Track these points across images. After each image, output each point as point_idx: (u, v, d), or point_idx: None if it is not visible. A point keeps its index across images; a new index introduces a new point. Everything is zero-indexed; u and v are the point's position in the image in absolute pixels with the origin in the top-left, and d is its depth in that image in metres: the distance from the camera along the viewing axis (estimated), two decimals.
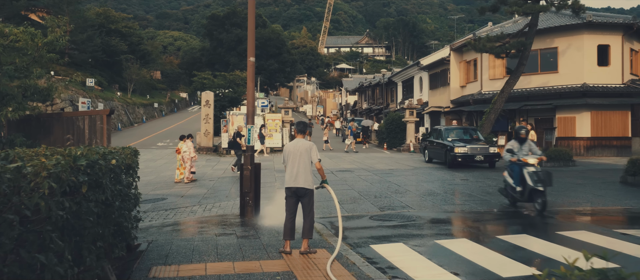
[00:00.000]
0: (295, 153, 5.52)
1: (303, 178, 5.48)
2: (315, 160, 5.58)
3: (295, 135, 5.80)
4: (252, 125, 7.94)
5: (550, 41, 20.64)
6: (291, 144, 5.63)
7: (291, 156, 5.53)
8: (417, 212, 8.06)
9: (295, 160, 5.50)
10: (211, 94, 23.76)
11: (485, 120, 19.27)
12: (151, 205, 10.03)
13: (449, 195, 9.79)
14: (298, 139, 5.68)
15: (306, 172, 5.52)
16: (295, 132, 5.81)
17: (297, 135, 5.73)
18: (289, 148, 5.59)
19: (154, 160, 19.79)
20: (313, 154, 5.57)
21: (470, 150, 15.02)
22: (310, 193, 5.55)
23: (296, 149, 5.53)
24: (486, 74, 22.66)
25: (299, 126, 5.81)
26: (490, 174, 13.80)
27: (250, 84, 7.89)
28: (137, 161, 5.84)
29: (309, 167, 5.54)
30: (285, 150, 5.66)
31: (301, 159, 5.50)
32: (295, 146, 5.55)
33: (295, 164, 5.49)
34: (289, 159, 5.55)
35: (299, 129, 5.79)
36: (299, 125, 5.85)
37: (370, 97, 46.03)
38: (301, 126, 5.83)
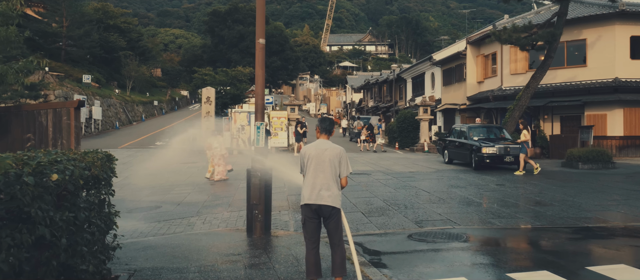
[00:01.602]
0: (319, 159, 4.08)
1: (328, 193, 4.02)
2: (345, 173, 4.14)
3: (318, 135, 4.32)
4: (262, 122, 6.48)
5: (578, 32, 19.12)
6: (312, 146, 4.20)
7: (313, 162, 4.11)
8: (463, 228, 6.59)
9: (319, 169, 4.06)
10: (212, 90, 22.31)
11: (509, 118, 17.78)
12: (143, 215, 8.59)
13: (491, 205, 8.32)
14: (322, 140, 4.23)
15: (332, 184, 4.06)
16: (318, 131, 4.31)
17: (320, 136, 4.29)
18: (310, 152, 4.16)
19: (152, 161, 18.35)
20: (343, 164, 4.12)
21: (499, 150, 13.54)
22: (337, 214, 4.08)
23: (320, 154, 4.10)
24: (507, 69, 21.15)
25: (323, 124, 4.32)
26: (525, 177, 12.32)
27: (259, 72, 6.42)
28: (112, 169, 4.39)
29: (335, 178, 4.09)
30: (305, 154, 4.20)
31: (327, 167, 4.06)
32: (319, 150, 4.12)
33: (318, 173, 4.06)
34: (310, 166, 4.11)
35: (324, 127, 4.29)
36: (324, 122, 4.34)
37: (377, 95, 44.54)
38: (326, 124, 4.33)
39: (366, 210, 7.93)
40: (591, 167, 13.87)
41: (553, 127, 19.78)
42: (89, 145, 25.51)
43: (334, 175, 4.07)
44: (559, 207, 8.06)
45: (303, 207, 4.13)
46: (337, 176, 4.10)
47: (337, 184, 4.10)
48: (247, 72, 35.67)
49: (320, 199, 4.02)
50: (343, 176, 4.14)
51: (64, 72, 34.25)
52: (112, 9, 49.27)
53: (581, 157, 14.04)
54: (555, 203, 8.44)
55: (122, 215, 9.27)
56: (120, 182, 13.05)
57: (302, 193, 4.15)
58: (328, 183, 4.04)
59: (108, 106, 36.00)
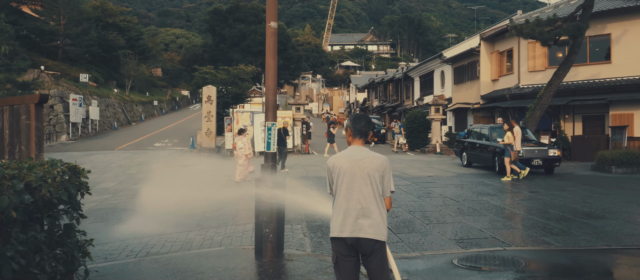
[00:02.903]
0: (355, 174, 2.95)
1: (368, 220, 2.90)
2: (389, 191, 3.03)
3: (350, 140, 3.11)
4: (274, 123, 5.37)
5: (602, 27, 17.99)
6: (343, 156, 3.03)
7: (346, 179, 2.96)
8: (516, 250, 5.49)
9: (354, 187, 2.94)
10: (213, 88, 21.25)
11: (530, 117, 16.67)
12: (136, 228, 7.51)
13: (536, 218, 7.21)
14: (356, 147, 3.05)
15: (374, 209, 2.94)
16: (350, 134, 3.11)
17: (353, 141, 3.09)
18: (341, 163, 2.99)
19: (149, 163, 17.25)
20: (387, 179, 2.99)
21: (525, 153, 12.43)
22: (381, 249, 2.95)
23: (356, 167, 2.96)
24: (524, 66, 20.03)
25: (357, 123, 3.10)
26: (557, 182, 11.21)
27: (270, 61, 5.33)
28: (80, 186, 3.30)
29: (377, 199, 2.96)
30: (334, 167, 3.03)
31: (365, 185, 2.93)
32: (354, 161, 2.97)
33: (353, 193, 2.93)
34: (342, 185, 2.97)
35: (358, 128, 3.08)
36: (358, 121, 3.11)
37: (382, 94, 43.43)
38: (361, 124, 3.10)
39: (393, 224, 6.83)
40: (626, 170, 12.75)
41: (574, 128, 18.66)
42: (85, 147, 24.52)
43: (375, 195, 2.95)
44: (615, 220, 6.96)
45: (334, 241, 2.99)
46: (380, 196, 2.98)
47: (380, 207, 2.97)
48: (249, 70, 34.59)
49: (358, 231, 2.90)
50: (387, 195, 3.02)
51: (61, 71, 33.20)
52: (111, 7, 48.24)
53: (614, 160, 12.92)
54: (609, 215, 7.34)
55: (113, 226, 8.22)
56: (115, 188, 11.99)
57: (332, 222, 3.02)
58: (368, 207, 2.92)
59: (106, 106, 34.95)
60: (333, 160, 3.07)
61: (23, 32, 36.38)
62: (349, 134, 3.13)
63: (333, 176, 3.05)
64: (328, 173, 3.11)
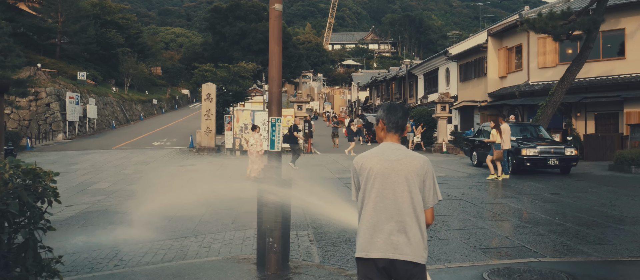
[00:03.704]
0: (389, 177, 2.33)
1: (405, 238, 2.28)
2: (432, 201, 2.38)
3: (382, 136, 2.48)
4: (278, 118, 4.75)
5: (616, 22, 17.35)
6: (374, 154, 2.40)
7: (377, 183, 2.34)
8: (551, 261, 4.86)
9: (388, 195, 2.32)
10: (213, 86, 20.63)
11: (542, 115, 16.04)
12: (128, 233, 6.90)
13: (565, 224, 6.58)
14: (389, 144, 2.43)
15: (412, 223, 2.30)
16: (382, 127, 2.46)
17: (387, 136, 2.46)
18: (371, 163, 2.38)
19: (146, 163, 16.67)
20: (429, 184, 2.37)
21: (541, 152, 11.80)
22: (420, 274, 2.31)
23: (390, 169, 2.34)
24: (534, 62, 19.39)
25: (392, 114, 2.45)
26: (577, 183, 10.58)
27: (275, 48, 4.70)
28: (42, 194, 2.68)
29: (416, 210, 2.32)
30: (362, 168, 2.40)
31: (402, 192, 2.31)
32: (388, 161, 2.36)
33: (386, 203, 2.32)
34: (372, 190, 2.35)
35: (393, 120, 2.45)
36: (393, 112, 2.47)
37: (385, 92, 42.80)
38: (398, 115, 2.46)
39: None
40: None
41: (586, 126, 18.02)
42: (82, 146, 23.93)
43: (414, 205, 2.31)
44: None
45: (361, 262, 2.37)
46: (420, 206, 2.34)
47: (420, 220, 2.33)
48: (250, 67, 33.96)
49: (392, 251, 2.27)
50: (429, 206, 2.39)
51: (59, 69, 32.59)
52: (110, 4, 47.58)
53: (635, 159, 12.29)
54: None
55: (103, 230, 7.61)
56: (109, 188, 11.39)
57: (359, 238, 2.39)
58: (405, 220, 2.29)
59: (104, 104, 34.34)
60: (361, 159, 2.43)
61: (20, 29, 35.76)
62: (381, 128, 2.48)
63: (361, 180, 2.41)
64: (354, 175, 2.47)
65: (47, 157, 18.57)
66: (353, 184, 2.49)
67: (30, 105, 26.15)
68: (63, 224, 7.94)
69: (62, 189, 11.98)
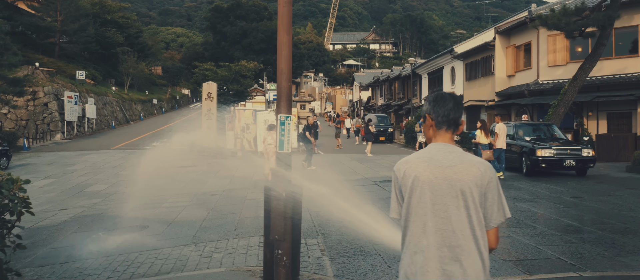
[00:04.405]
0: (440, 188, 1.83)
1: (461, 269, 1.78)
2: (496, 220, 1.86)
3: (430, 135, 2.00)
4: (288, 115, 4.24)
5: (629, 18, 16.82)
6: (422, 160, 1.90)
7: (426, 195, 1.85)
8: (592, 274, 4.37)
9: (440, 211, 1.83)
10: (214, 85, 20.15)
11: (553, 114, 15.53)
12: (122, 240, 6.41)
13: (596, 231, 6.07)
14: (440, 145, 1.93)
15: (470, 247, 1.80)
16: (430, 124, 1.98)
17: (437, 135, 1.97)
18: (419, 171, 1.87)
19: (144, 164, 16.14)
20: (493, 197, 1.84)
21: (557, 153, 11.29)
22: None
23: (442, 178, 1.84)
24: (544, 60, 18.88)
25: (441, 106, 1.96)
26: (596, 186, 10.07)
27: (284, 38, 4.19)
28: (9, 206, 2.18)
29: (476, 231, 1.81)
30: (405, 175, 1.89)
31: (456, 208, 1.81)
32: (439, 168, 1.86)
33: (437, 221, 1.82)
34: (419, 205, 1.86)
35: (444, 113, 1.94)
36: (442, 103, 1.96)
37: (387, 92, 42.29)
38: (449, 106, 1.95)
39: None
40: None
41: (598, 126, 17.50)
42: (80, 146, 23.46)
43: (473, 225, 1.82)
44: None
45: None
46: (480, 226, 1.84)
47: (480, 245, 1.83)
48: (251, 66, 33.46)
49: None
50: (493, 225, 1.88)
51: (57, 68, 32.11)
52: (109, 3, 47.10)
53: None
54: None
55: (98, 237, 7.12)
56: (105, 191, 10.91)
57: (403, 266, 1.89)
58: (459, 245, 1.79)
59: (104, 104, 33.87)
60: (403, 165, 1.93)
61: (19, 28, 35.31)
62: (429, 125, 1.99)
63: (404, 191, 1.90)
64: (395, 186, 1.97)
65: (44, 157, 18.10)
66: (393, 197, 1.98)
67: (27, 104, 25.67)
68: (56, 229, 7.47)
69: (57, 191, 11.44)
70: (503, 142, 11.26)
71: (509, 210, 1.92)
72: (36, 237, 7.06)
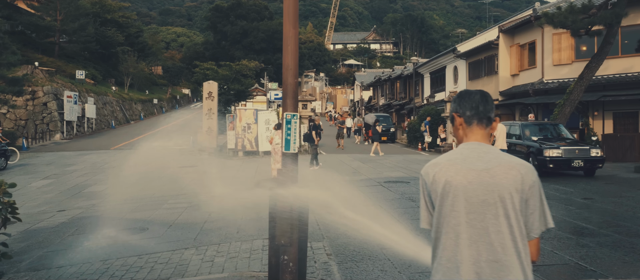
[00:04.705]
0: (477, 195, 1.60)
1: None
2: (538, 229, 1.65)
3: (461, 135, 1.78)
4: (295, 113, 4.02)
5: (635, 16, 16.59)
6: (453, 162, 1.67)
7: (460, 205, 1.61)
8: None
9: (476, 222, 1.59)
10: (215, 84, 19.93)
11: (559, 114, 15.31)
12: (122, 243, 6.21)
13: (614, 235, 5.84)
14: (474, 145, 1.70)
15: (513, 262, 1.57)
16: (459, 123, 1.77)
17: (469, 133, 1.75)
18: (451, 176, 1.64)
19: (144, 164, 15.94)
20: (533, 203, 1.62)
21: (565, 153, 11.06)
22: None
23: (479, 183, 1.60)
24: (549, 59, 18.65)
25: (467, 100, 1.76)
26: (606, 187, 9.84)
27: (290, 31, 3.98)
28: None
29: (518, 243, 1.59)
30: (435, 180, 1.66)
31: (498, 218, 1.58)
32: (475, 171, 1.63)
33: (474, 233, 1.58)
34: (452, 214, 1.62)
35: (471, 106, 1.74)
36: (469, 98, 1.76)
37: (389, 92, 42.07)
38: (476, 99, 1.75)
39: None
40: None
41: (604, 126, 17.28)
42: (80, 146, 23.25)
43: (514, 237, 1.59)
44: None
45: None
46: (522, 237, 1.61)
47: (523, 259, 1.61)
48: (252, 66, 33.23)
49: None
50: (535, 235, 1.66)
51: (57, 67, 31.92)
52: (109, 3, 46.89)
53: None
54: None
55: (95, 240, 6.91)
56: (105, 191, 10.70)
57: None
58: (499, 260, 1.57)
59: (104, 104, 33.66)
60: (432, 169, 1.71)
61: (18, 27, 35.11)
62: (459, 124, 1.77)
63: (434, 198, 1.68)
64: (423, 192, 1.75)
65: (43, 158, 17.90)
66: (423, 204, 1.76)
67: (26, 104, 25.48)
68: (53, 231, 7.27)
69: (56, 192, 11.21)
70: (503, 142, 11.05)
71: (551, 218, 1.71)
72: (33, 239, 6.86)
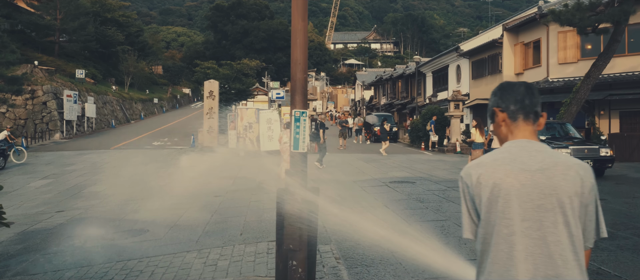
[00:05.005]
0: (532, 200, 1.38)
1: None
2: (593, 238, 1.47)
3: (505, 132, 1.55)
4: (304, 110, 3.81)
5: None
6: (501, 162, 1.44)
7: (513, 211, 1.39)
8: None
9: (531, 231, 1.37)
10: (216, 83, 19.73)
11: (565, 113, 15.10)
12: (122, 245, 6.00)
13: (633, 237, 5.63)
14: (524, 142, 1.49)
15: (574, 272, 1.35)
16: (502, 118, 1.55)
17: (515, 129, 1.53)
18: (500, 178, 1.41)
19: (144, 164, 15.75)
20: (592, 209, 1.45)
21: (574, 152, 10.84)
22: None
23: (534, 186, 1.39)
24: (554, 58, 18.44)
25: (508, 93, 1.54)
26: (618, 187, 9.63)
27: (299, 24, 3.76)
28: None
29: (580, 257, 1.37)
30: (481, 183, 1.43)
31: (557, 226, 1.36)
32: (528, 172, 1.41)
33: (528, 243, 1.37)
34: (504, 223, 1.39)
35: (516, 99, 1.52)
36: (508, 89, 1.54)
37: (391, 91, 41.86)
38: (519, 92, 1.53)
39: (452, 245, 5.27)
40: None
41: (611, 125, 17.07)
42: (79, 146, 23.04)
43: (575, 247, 1.38)
44: None
45: None
46: (581, 248, 1.40)
47: (583, 271, 1.39)
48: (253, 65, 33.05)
49: None
50: (590, 245, 1.47)
51: (57, 67, 31.72)
52: (110, 2, 46.69)
53: None
54: None
55: (93, 242, 6.70)
56: (104, 192, 10.49)
57: None
58: (559, 274, 1.35)
59: (104, 103, 33.46)
60: (477, 169, 1.47)
61: (18, 26, 34.91)
62: (501, 120, 1.55)
63: (478, 204, 1.46)
64: (465, 196, 1.52)
65: (43, 157, 17.69)
66: (464, 211, 1.53)
67: (26, 103, 25.28)
68: (50, 233, 7.05)
69: (54, 192, 10.98)
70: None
71: (605, 227, 1.51)
72: (29, 241, 6.65)
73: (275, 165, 11.37)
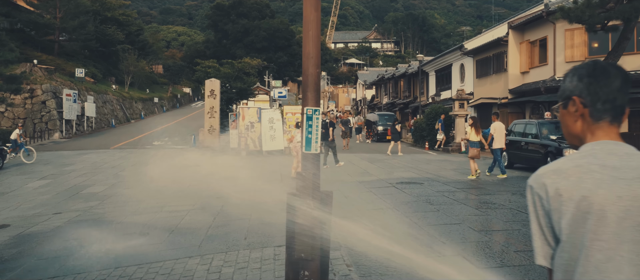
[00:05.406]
0: (632, 217, 1.08)
1: None
2: None
3: (579, 130, 1.24)
4: (317, 108, 3.52)
5: None
6: (586, 167, 1.13)
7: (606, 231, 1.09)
8: None
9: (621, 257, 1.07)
10: (217, 82, 19.44)
11: None
12: (121, 249, 5.71)
13: None
14: (612, 145, 1.19)
15: None
16: (580, 111, 1.22)
17: (595, 131, 1.21)
18: (589, 190, 1.10)
19: (145, 164, 15.48)
20: None
21: None
22: None
23: (633, 201, 1.08)
24: (561, 56, 18.13)
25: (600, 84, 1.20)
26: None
27: (312, 15, 3.48)
28: None
29: None
30: (564, 196, 1.12)
31: None
32: (624, 181, 1.11)
33: (631, 272, 1.07)
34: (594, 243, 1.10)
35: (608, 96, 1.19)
36: (602, 78, 1.19)
37: (393, 90, 41.56)
38: (613, 86, 1.19)
39: (485, 253, 4.98)
40: None
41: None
42: (79, 145, 22.78)
43: None
44: None
45: None
46: None
47: None
48: (254, 64, 32.78)
49: None
50: None
51: (56, 65, 31.47)
52: (110, 0, 46.41)
53: None
54: None
55: (91, 246, 6.42)
56: (103, 192, 10.21)
57: None
58: None
59: (103, 103, 33.20)
60: (554, 178, 1.17)
61: (17, 25, 34.67)
62: (579, 113, 1.23)
63: (558, 220, 1.16)
64: (537, 211, 1.21)
65: (41, 157, 17.42)
66: (536, 231, 1.21)
67: (25, 102, 25.01)
68: (47, 236, 6.77)
69: (52, 193, 10.66)
70: (501, 141, 11.06)
71: None
72: (25, 245, 6.37)
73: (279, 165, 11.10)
